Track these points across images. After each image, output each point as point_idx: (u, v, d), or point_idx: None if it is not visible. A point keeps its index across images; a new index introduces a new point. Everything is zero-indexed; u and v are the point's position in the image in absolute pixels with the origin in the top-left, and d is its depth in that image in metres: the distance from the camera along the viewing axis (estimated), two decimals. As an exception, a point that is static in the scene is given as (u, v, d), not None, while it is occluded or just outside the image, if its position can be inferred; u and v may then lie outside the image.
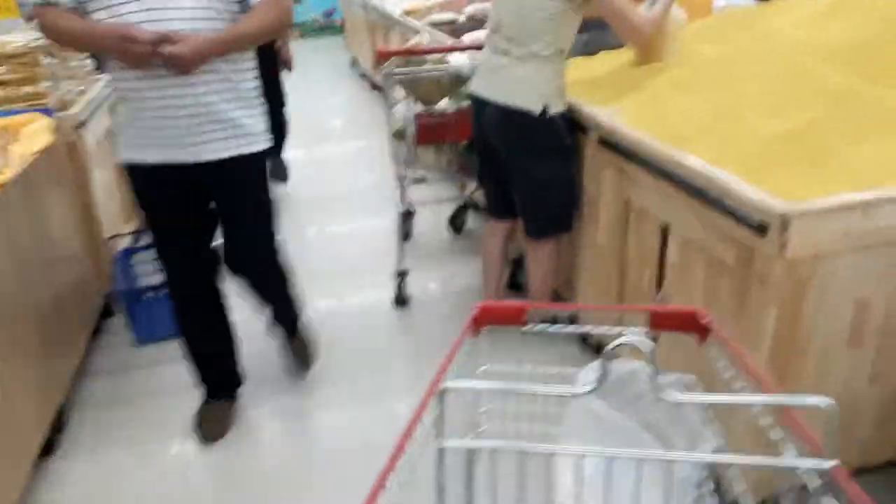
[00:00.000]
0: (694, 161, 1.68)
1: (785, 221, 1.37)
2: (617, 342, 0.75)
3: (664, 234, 1.91)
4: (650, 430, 0.95)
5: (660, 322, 0.98)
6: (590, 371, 0.95)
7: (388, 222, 3.55)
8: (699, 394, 0.86)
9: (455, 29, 4.11)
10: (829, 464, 0.70)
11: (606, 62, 2.63)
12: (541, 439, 1.04)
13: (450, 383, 0.80)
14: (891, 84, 1.77)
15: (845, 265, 1.45)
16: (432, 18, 4.47)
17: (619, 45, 2.61)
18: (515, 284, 2.93)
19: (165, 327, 2.42)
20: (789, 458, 0.73)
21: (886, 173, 1.51)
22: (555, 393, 0.81)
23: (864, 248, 1.44)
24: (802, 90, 1.79)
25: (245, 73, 1.90)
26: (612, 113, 2.11)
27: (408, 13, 5.15)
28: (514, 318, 1.03)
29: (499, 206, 2.56)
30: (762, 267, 1.46)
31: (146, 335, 2.69)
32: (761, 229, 1.42)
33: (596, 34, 2.76)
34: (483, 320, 1.02)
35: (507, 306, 1.03)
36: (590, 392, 0.79)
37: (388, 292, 3.02)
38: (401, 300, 3.00)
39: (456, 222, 3.71)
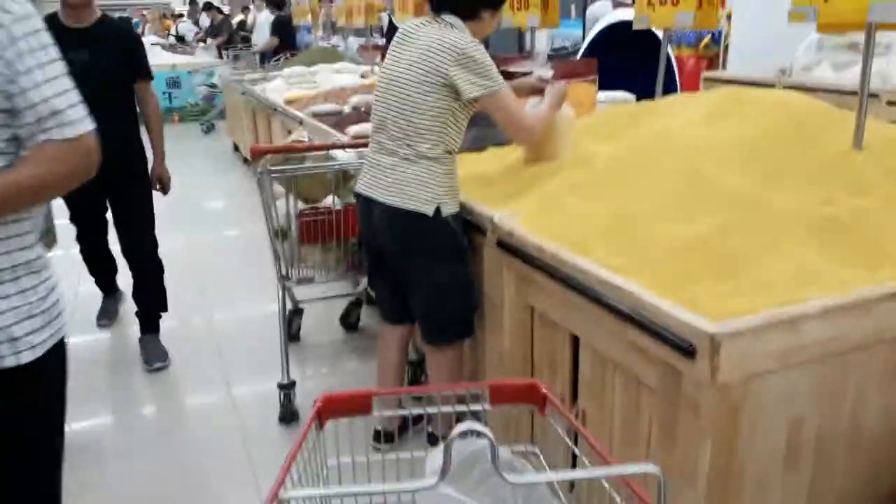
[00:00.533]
0: (603, 272, 1.54)
1: (715, 344, 1.24)
2: (457, 431, 0.76)
3: (575, 343, 1.76)
4: None
5: (501, 396, 1.02)
6: (435, 458, 0.94)
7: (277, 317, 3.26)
8: (537, 473, 0.95)
9: (339, 120, 3.96)
10: None
11: (497, 158, 2.54)
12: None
13: (286, 494, 0.76)
14: (785, 186, 1.74)
15: (777, 385, 1.33)
16: (315, 109, 4.32)
17: (510, 141, 2.54)
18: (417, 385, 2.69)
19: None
20: None
21: (801, 284, 1.43)
22: (396, 490, 0.80)
23: (795, 365, 1.33)
24: (702, 195, 1.72)
25: (6, 241, 1.23)
26: (509, 215, 1.97)
27: (290, 102, 4.99)
28: (361, 408, 1.02)
29: (394, 310, 2.35)
30: (692, 393, 1.31)
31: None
32: (689, 352, 1.28)
33: (484, 129, 2.69)
34: (328, 412, 1.00)
35: (352, 396, 1.03)
36: (432, 487, 0.78)
37: (275, 405, 2.69)
38: (287, 416, 2.67)
39: (349, 320, 3.46)
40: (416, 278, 2.11)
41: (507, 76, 2.84)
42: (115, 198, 3.07)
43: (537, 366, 1.93)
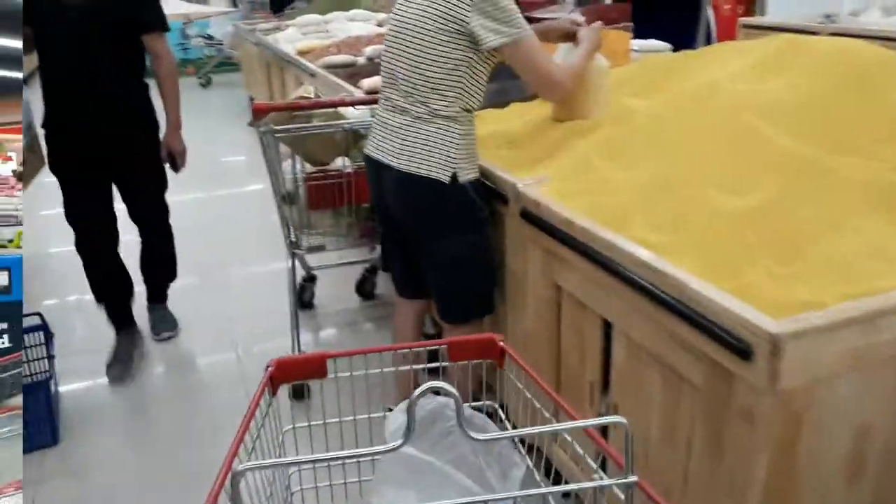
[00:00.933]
0: (642, 252, 1.35)
1: (776, 346, 1.05)
2: (421, 390, 0.74)
3: (607, 328, 1.58)
4: (461, 465, 0.95)
5: (459, 352, 1.03)
6: (396, 419, 0.97)
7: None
8: (503, 431, 0.95)
9: (353, 73, 3.73)
10: (632, 479, 0.75)
11: (521, 115, 2.32)
12: (355, 489, 1.05)
13: (241, 465, 0.74)
14: (851, 150, 1.51)
15: (844, 388, 1.15)
16: (328, 60, 4.08)
17: (536, 95, 2.31)
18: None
19: None
20: (598, 480, 0.79)
21: (874, 266, 1.23)
22: (358, 455, 0.78)
23: (866, 366, 1.14)
24: (755, 159, 1.51)
25: None
26: (534, 182, 1.77)
27: (302, 53, 4.74)
28: (315, 372, 0.99)
29: (408, 284, 2.18)
30: (746, 400, 1.14)
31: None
32: (744, 353, 1.09)
33: (507, 81, 2.46)
34: (281, 377, 0.97)
35: (307, 359, 1.00)
36: (396, 449, 0.77)
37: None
38: (298, 392, 2.54)
39: (364, 287, 3.30)
40: (430, 252, 1.93)
41: (533, 23, 2.59)
42: (120, 174, 2.65)
43: (564, 350, 1.76)
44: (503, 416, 1.12)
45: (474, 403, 1.07)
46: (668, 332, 1.30)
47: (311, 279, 3.20)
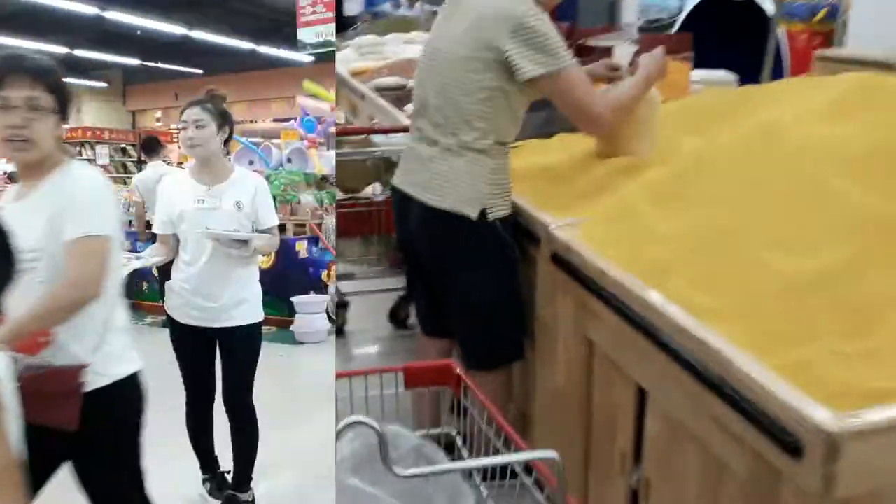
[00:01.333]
0: (683, 317, 1.18)
1: (833, 446, 0.87)
2: (342, 425, 0.75)
3: (642, 393, 1.41)
4: (411, 496, 0.91)
5: (415, 379, 1.01)
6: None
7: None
8: (433, 464, 0.88)
9: (402, 96, 3.66)
10: None
11: (566, 147, 2.17)
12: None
13: None
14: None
15: (918, 500, 0.95)
16: (378, 83, 4.02)
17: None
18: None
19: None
20: None
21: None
22: None
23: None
24: (821, 215, 1.32)
25: None
26: (569, 224, 1.62)
27: (355, 74, 4.72)
28: None
29: (432, 322, 2.05)
30: (794, 502, 0.95)
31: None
32: (794, 450, 0.92)
33: (555, 111, 2.31)
34: None
35: None
36: None
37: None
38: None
39: (398, 315, 3.19)
40: (455, 292, 1.80)
41: (586, 52, 2.44)
42: None
43: (595, 412, 1.59)
44: (460, 445, 1.11)
45: (432, 432, 1.06)
46: (707, 410, 1.13)
47: (342, 305, 3.11)
